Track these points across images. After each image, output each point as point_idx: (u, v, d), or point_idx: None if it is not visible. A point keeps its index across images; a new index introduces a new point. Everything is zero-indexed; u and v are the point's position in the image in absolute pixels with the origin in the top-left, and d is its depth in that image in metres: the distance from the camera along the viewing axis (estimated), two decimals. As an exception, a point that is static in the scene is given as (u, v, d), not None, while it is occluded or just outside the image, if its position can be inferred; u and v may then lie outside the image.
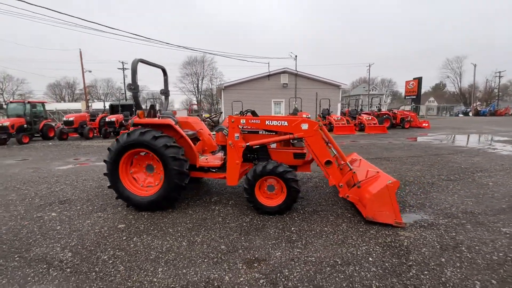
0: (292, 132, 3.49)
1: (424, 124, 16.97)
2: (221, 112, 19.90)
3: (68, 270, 2.39)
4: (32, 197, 4.46)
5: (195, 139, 4.43)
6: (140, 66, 3.92)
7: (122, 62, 39.75)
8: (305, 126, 3.42)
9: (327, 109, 16.07)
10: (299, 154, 3.73)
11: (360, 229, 3.06)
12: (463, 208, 3.60)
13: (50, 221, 3.47)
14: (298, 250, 2.66)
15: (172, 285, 2.16)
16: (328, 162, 3.39)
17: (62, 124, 15.33)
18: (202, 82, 56.02)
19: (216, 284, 2.17)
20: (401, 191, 4.32)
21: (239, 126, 3.55)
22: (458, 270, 2.25)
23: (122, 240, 2.92)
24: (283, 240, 2.85)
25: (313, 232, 3.03)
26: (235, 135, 3.56)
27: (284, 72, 18.69)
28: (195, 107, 32.42)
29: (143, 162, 3.82)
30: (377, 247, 2.66)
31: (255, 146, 3.66)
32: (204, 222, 3.33)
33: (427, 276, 2.19)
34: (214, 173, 3.93)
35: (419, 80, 29.87)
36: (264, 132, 3.73)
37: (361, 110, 17.68)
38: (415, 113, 19.28)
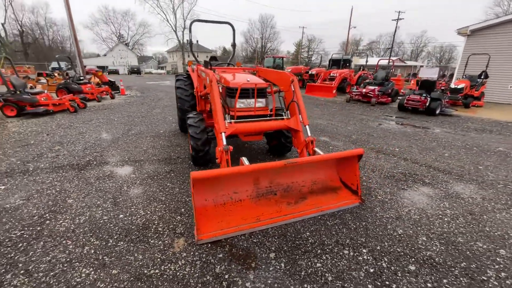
0: None
1: None
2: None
3: (118, 143, 4.72)
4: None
5: None
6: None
7: (399, 12, 36.32)
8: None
9: None
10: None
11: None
12: None
13: (156, 117, 6.16)
14: (125, 188, 2.81)
15: (90, 159, 3.65)
16: None
17: None
18: None
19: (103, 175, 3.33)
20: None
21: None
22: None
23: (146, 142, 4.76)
24: (142, 182, 3.01)
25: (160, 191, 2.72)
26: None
27: None
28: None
29: None
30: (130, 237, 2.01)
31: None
32: (165, 147, 4.21)
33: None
34: None
35: None
36: None
37: None
38: None
